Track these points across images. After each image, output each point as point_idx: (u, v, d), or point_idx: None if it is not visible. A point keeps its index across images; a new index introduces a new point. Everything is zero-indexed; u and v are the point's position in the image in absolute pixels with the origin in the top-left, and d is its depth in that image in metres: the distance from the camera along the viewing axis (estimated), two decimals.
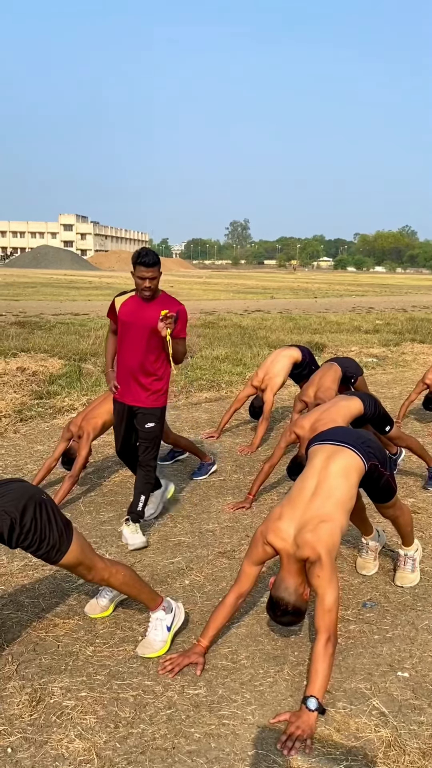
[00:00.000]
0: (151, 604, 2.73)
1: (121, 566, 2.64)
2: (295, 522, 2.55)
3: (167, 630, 2.71)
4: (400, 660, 2.70)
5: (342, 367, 5.25)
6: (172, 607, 2.76)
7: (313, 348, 11.34)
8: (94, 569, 2.52)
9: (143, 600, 2.73)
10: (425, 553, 3.69)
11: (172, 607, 2.77)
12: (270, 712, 2.37)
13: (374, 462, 2.88)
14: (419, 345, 12.57)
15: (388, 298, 30.00)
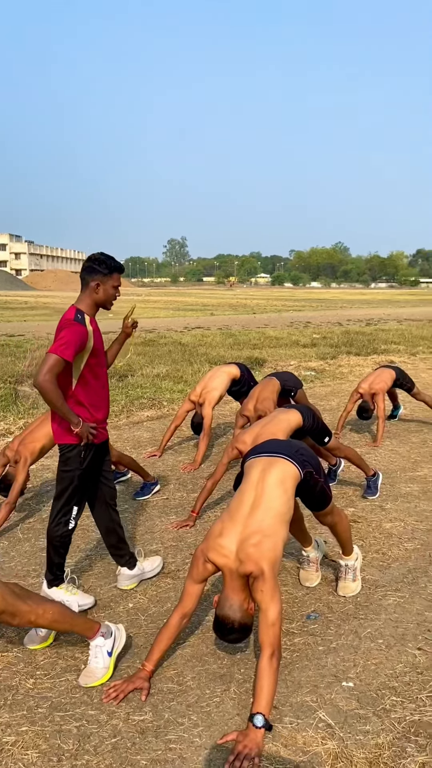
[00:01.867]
0: (88, 633, 2.65)
1: (48, 604, 2.53)
2: (236, 537, 2.55)
3: (108, 655, 2.65)
4: (345, 670, 2.72)
5: (281, 381, 5.33)
6: (111, 631, 2.70)
7: (253, 363, 11.49)
8: (18, 614, 2.41)
9: (78, 632, 2.66)
10: (365, 562, 3.75)
11: (111, 631, 2.71)
12: (217, 732, 2.34)
13: (309, 469, 2.92)
14: (355, 357, 12.91)
15: (324, 313, 30.73)
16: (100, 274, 3.13)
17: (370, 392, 6.44)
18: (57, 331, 3.03)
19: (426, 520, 4.48)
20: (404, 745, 2.27)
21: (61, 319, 3.09)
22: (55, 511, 3.13)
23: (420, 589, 3.45)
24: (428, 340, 15.91)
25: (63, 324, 3.03)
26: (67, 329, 2.97)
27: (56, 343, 2.93)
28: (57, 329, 3.06)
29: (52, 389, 2.88)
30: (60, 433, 3.09)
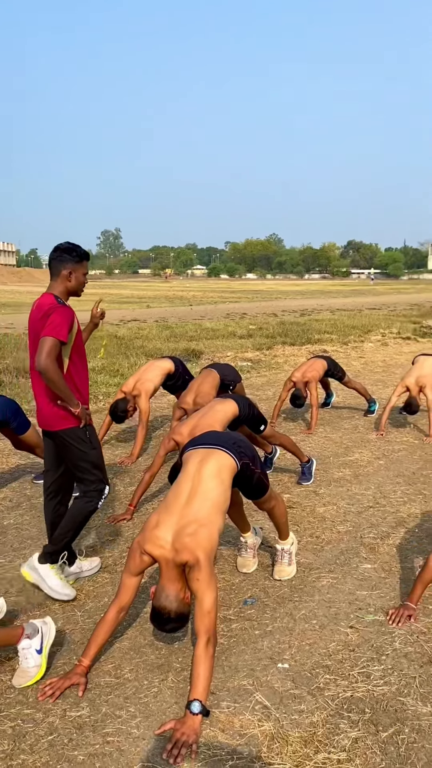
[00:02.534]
0: (13, 641, 2.59)
1: None
2: (173, 528, 2.55)
3: (38, 653, 2.60)
4: (280, 652, 2.78)
5: (220, 374, 5.30)
6: (37, 629, 2.64)
7: (190, 355, 11.52)
8: None
9: (2, 645, 2.60)
10: (300, 546, 3.84)
11: (37, 628, 2.64)
12: (155, 722, 2.35)
13: (246, 460, 2.96)
14: (290, 347, 13.12)
15: (259, 304, 31.07)
16: (71, 262, 3.20)
17: (303, 381, 6.56)
18: (39, 319, 3.09)
19: (357, 503, 4.62)
20: (337, 722, 2.34)
21: (39, 306, 3.15)
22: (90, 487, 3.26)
23: (352, 570, 3.56)
24: (359, 329, 16.35)
25: (49, 309, 3.08)
26: (56, 313, 3.03)
27: (49, 326, 2.98)
28: (38, 317, 3.12)
29: (56, 371, 2.96)
30: (61, 419, 3.14)
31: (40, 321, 3.08)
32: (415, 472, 5.34)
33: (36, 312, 3.18)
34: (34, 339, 3.16)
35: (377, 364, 11.31)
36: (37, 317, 3.15)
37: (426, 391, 6.35)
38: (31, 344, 3.21)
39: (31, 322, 3.22)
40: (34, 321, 3.18)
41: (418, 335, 15.13)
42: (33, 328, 3.19)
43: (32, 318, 3.21)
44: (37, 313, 3.15)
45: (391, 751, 2.20)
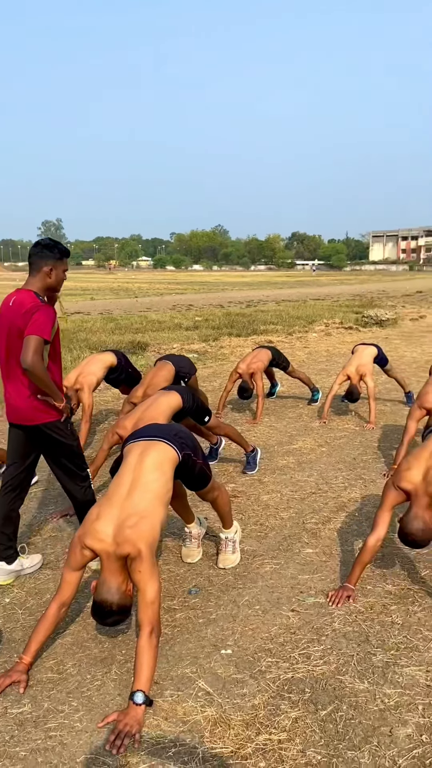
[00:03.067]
0: None
1: None
2: (114, 521, 2.55)
3: None
4: (224, 638, 2.82)
5: (176, 366, 5.23)
6: None
7: (136, 347, 11.43)
8: None
9: None
10: (244, 533, 3.89)
11: None
12: (99, 715, 2.35)
13: (187, 452, 2.97)
14: (236, 339, 13.19)
15: (206, 295, 31.09)
16: (52, 259, 3.23)
17: (248, 372, 6.62)
18: (21, 315, 3.11)
19: (301, 489, 4.72)
20: (278, 703, 2.40)
21: (19, 303, 3.16)
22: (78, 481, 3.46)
23: (294, 555, 3.64)
24: (303, 320, 16.57)
25: (32, 307, 3.10)
26: (40, 312, 3.08)
27: (33, 325, 3.03)
28: (18, 313, 3.13)
29: (42, 370, 3.04)
30: (40, 412, 3.22)
31: (21, 318, 3.10)
32: (356, 458, 5.48)
33: (15, 308, 3.17)
34: (9, 335, 3.18)
35: (321, 354, 11.51)
36: (17, 313, 3.14)
37: (366, 379, 6.51)
38: (5, 340, 3.21)
39: (7, 318, 3.20)
40: (11, 317, 3.17)
41: (360, 325, 15.45)
42: (9, 323, 3.19)
43: (8, 314, 3.20)
44: (17, 309, 3.16)
45: (329, 728, 2.27)
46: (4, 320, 3.23)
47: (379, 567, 3.46)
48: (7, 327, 3.21)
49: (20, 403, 3.22)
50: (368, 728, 2.26)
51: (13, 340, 3.17)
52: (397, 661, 2.64)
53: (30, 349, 2.98)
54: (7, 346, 3.22)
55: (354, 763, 2.10)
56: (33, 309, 3.10)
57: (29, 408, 3.21)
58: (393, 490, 3.18)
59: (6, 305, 3.25)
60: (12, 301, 3.23)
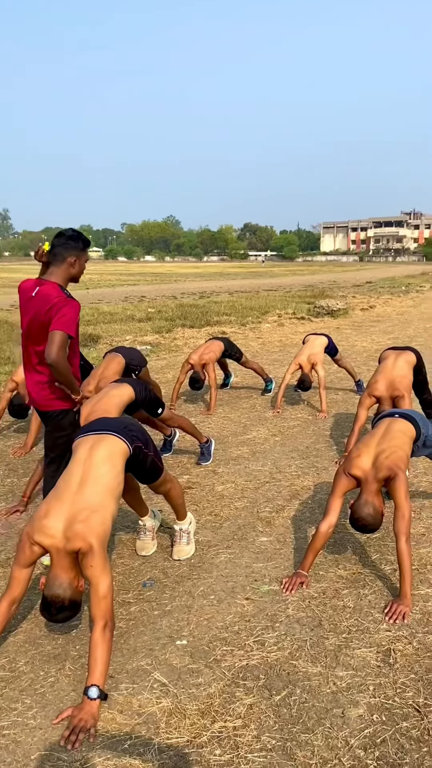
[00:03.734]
0: None
1: None
2: (64, 516, 2.51)
3: None
4: (179, 629, 2.83)
5: (126, 358, 5.18)
6: None
7: (87, 339, 11.27)
8: None
9: None
10: (199, 524, 3.90)
11: None
12: (53, 711, 2.32)
13: (138, 444, 2.95)
14: (189, 330, 13.17)
15: (158, 287, 30.92)
16: (76, 250, 3.30)
17: (200, 363, 6.61)
18: (46, 310, 3.14)
19: (255, 479, 4.75)
20: (233, 691, 2.42)
21: (44, 296, 3.17)
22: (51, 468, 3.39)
23: (249, 544, 3.67)
24: (257, 310, 16.67)
25: (58, 302, 3.14)
26: (67, 307, 3.14)
27: (59, 321, 3.09)
28: (43, 306, 3.15)
29: (65, 365, 3.15)
30: (51, 400, 3.31)
31: (46, 313, 3.15)
32: (309, 446, 5.56)
33: (40, 301, 3.20)
34: (31, 325, 3.25)
35: (274, 344, 11.60)
36: (42, 307, 3.18)
37: (317, 368, 6.60)
38: (26, 329, 3.30)
39: (32, 308, 3.23)
40: (36, 308, 3.21)
41: (312, 315, 15.64)
42: (33, 314, 3.23)
43: (33, 305, 3.23)
44: (43, 302, 3.18)
45: (284, 713, 2.30)
46: (28, 309, 3.28)
47: (332, 552, 3.52)
48: (30, 317, 3.27)
49: (33, 389, 3.37)
50: (321, 711, 2.30)
51: (34, 331, 3.25)
52: (348, 643, 2.69)
53: (55, 345, 3.07)
54: (27, 334, 3.31)
55: (308, 746, 2.14)
56: (59, 304, 3.14)
57: (41, 396, 3.34)
58: (344, 477, 3.23)
59: (28, 295, 3.30)
60: (36, 292, 3.25)
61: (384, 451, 3.23)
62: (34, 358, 3.30)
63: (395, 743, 2.15)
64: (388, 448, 3.25)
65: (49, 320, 3.14)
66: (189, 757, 2.10)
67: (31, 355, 3.32)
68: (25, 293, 3.32)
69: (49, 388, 3.29)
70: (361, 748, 2.12)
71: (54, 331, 3.09)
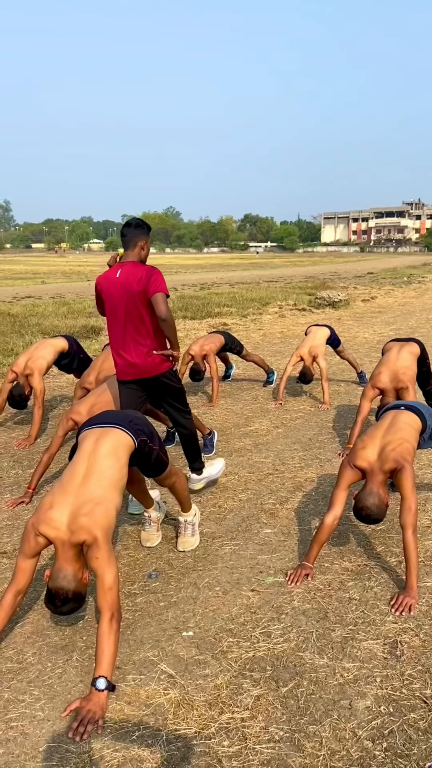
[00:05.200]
0: None
1: None
2: (68, 509, 2.51)
3: None
4: (185, 621, 2.83)
5: None
6: None
7: (89, 332, 11.26)
8: None
9: None
10: (203, 516, 3.90)
11: None
12: (61, 703, 2.33)
13: (143, 438, 2.94)
14: (190, 321, 13.13)
15: None
16: (144, 235, 3.73)
17: (200, 354, 6.60)
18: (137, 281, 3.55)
19: (258, 471, 4.75)
20: (240, 682, 2.42)
21: (131, 273, 3.60)
22: (186, 417, 4.00)
23: (253, 536, 3.67)
24: (257, 302, 16.62)
25: (146, 272, 3.57)
26: (155, 274, 3.57)
27: (154, 284, 3.52)
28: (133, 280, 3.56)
29: (173, 320, 3.59)
30: (157, 365, 3.74)
31: (138, 283, 3.55)
32: (312, 438, 5.56)
33: (126, 278, 3.60)
34: (127, 302, 3.61)
35: (275, 336, 11.58)
36: (131, 281, 3.58)
37: (319, 360, 6.58)
38: (123, 308, 3.64)
39: (122, 287, 3.60)
40: (126, 285, 3.59)
41: (313, 306, 15.60)
42: (125, 292, 3.60)
43: (122, 283, 3.61)
44: (130, 278, 3.59)
45: (291, 704, 2.31)
46: (119, 289, 3.62)
47: (336, 545, 3.53)
48: (123, 296, 3.61)
49: (140, 360, 3.70)
50: (328, 702, 2.31)
51: (131, 306, 3.61)
52: (355, 635, 2.70)
53: (161, 304, 3.49)
54: (125, 312, 3.64)
55: (316, 737, 2.14)
56: (148, 273, 3.57)
57: (148, 363, 3.71)
58: (349, 468, 3.23)
59: (112, 279, 3.65)
60: (119, 273, 3.64)
61: (390, 443, 3.22)
62: (134, 333, 3.68)
63: (403, 734, 2.15)
64: (395, 440, 3.24)
65: (143, 289, 3.54)
66: (197, 749, 2.10)
67: (131, 332, 3.69)
68: (108, 280, 3.67)
69: (152, 356, 3.70)
70: (369, 740, 2.13)
71: (156, 294, 3.51)
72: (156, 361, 3.73)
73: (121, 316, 3.67)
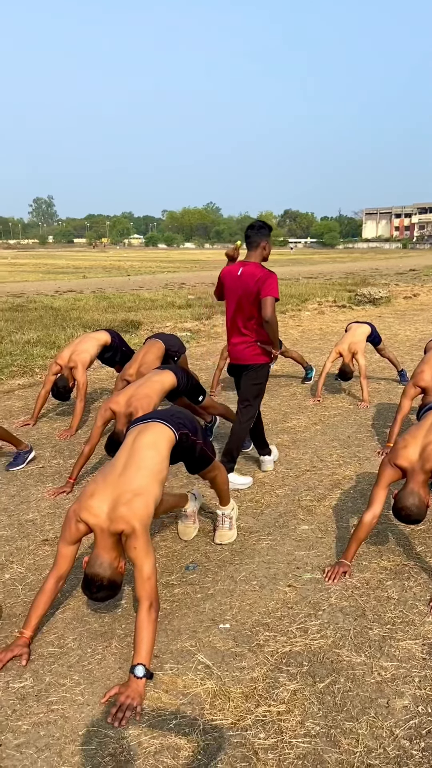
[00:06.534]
0: None
1: None
2: (108, 498, 2.55)
3: None
4: (221, 613, 2.85)
5: (165, 344, 5.23)
6: None
7: (129, 326, 11.37)
8: None
9: None
10: (240, 510, 3.91)
11: None
12: (100, 688, 2.38)
13: (184, 431, 2.97)
14: None
15: (198, 274, 30.89)
16: (266, 236, 4.14)
17: None
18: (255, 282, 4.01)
19: (295, 467, 4.74)
20: (277, 676, 2.43)
21: (250, 273, 4.06)
22: (245, 413, 4.33)
23: (290, 531, 3.67)
24: (296, 298, 16.51)
25: (263, 275, 4.02)
26: (270, 278, 4.01)
27: (268, 288, 3.97)
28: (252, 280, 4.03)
29: (276, 323, 4.03)
30: (254, 356, 4.22)
31: (255, 284, 4.02)
32: (350, 435, 5.51)
33: (246, 277, 4.07)
34: (241, 297, 4.10)
35: (314, 332, 11.49)
36: (250, 281, 4.04)
37: (358, 357, 6.51)
38: (236, 302, 4.14)
39: (241, 283, 4.09)
40: (244, 283, 4.07)
41: (353, 303, 15.43)
42: (242, 288, 4.08)
43: (241, 280, 4.09)
44: (249, 277, 4.06)
45: (327, 700, 2.31)
46: (237, 285, 4.11)
47: (375, 543, 3.50)
48: (240, 291, 4.10)
49: (240, 349, 4.22)
50: (365, 700, 2.30)
51: (244, 301, 4.09)
52: (393, 635, 2.68)
53: (269, 307, 3.94)
54: (237, 306, 4.14)
55: (352, 734, 2.14)
56: (264, 277, 4.00)
57: (246, 353, 4.21)
58: (389, 467, 3.20)
59: (234, 275, 4.14)
60: (240, 271, 4.12)
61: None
62: (240, 324, 4.17)
63: None
64: None
65: (258, 290, 3.98)
66: (233, 739, 2.12)
67: (238, 323, 4.17)
68: (231, 275, 4.16)
69: (252, 348, 4.17)
70: (407, 739, 2.12)
71: (266, 297, 3.94)
72: (254, 353, 4.20)
73: (233, 308, 4.16)
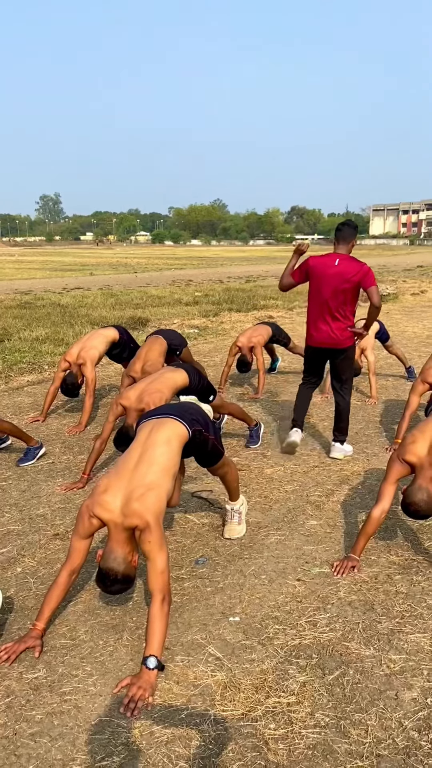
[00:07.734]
0: None
1: None
2: (121, 492, 2.58)
3: None
4: (231, 606, 2.88)
5: (167, 339, 5.31)
6: None
7: (136, 322, 11.41)
8: None
9: None
10: (250, 506, 3.94)
11: None
12: (112, 679, 2.41)
13: (197, 427, 3.00)
14: (236, 314, 13.17)
15: (205, 270, 30.92)
16: (355, 235, 4.70)
17: (248, 345, 6.62)
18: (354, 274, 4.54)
19: (304, 463, 4.76)
20: (286, 668, 2.46)
21: (347, 266, 4.56)
22: (347, 389, 4.87)
23: (298, 527, 3.69)
24: (303, 295, 16.40)
25: (362, 268, 4.56)
26: (370, 271, 4.57)
27: (368, 279, 4.53)
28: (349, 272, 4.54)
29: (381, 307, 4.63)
30: (347, 339, 4.72)
31: (353, 276, 4.53)
32: (358, 432, 5.53)
33: (343, 268, 4.56)
34: (337, 286, 4.56)
35: None
36: (348, 272, 4.54)
37: (366, 353, 6.52)
38: (332, 290, 4.58)
39: (337, 274, 4.55)
40: (341, 273, 4.55)
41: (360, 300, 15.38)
42: (339, 278, 4.55)
43: (338, 271, 4.55)
44: (347, 269, 4.55)
45: (337, 692, 2.34)
46: (333, 274, 4.56)
47: (383, 538, 3.52)
48: (337, 280, 4.54)
49: (339, 333, 4.66)
50: (374, 692, 2.33)
51: (340, 290, 4.56)
52: (401, 628, 2.70)
53: (376, 295, 4.55)
54: (333, 293, 4.58)
55: (361, 725, 2.17)
56: (364, 269, 4.54)
57: (343, 337, 4.68)
58: (398, 462, 3.21)
59: (330, 266, 4.59)
60: (337, 261, 4.58)
61: None
62: (335, 312, 4.63)
63: None
64: None
65: (358, 281, 4.52)
66: (244, 730, 2.15)
67: (333, 310, 4.63)
68: (325, 266, 4.61)
69: (347, 331, 4.67)
70: (416, 730, 2.14)
71: (371, 287, 4.53)
72: (347, 336, 4.68)
73: (327, 295, 4.58)
